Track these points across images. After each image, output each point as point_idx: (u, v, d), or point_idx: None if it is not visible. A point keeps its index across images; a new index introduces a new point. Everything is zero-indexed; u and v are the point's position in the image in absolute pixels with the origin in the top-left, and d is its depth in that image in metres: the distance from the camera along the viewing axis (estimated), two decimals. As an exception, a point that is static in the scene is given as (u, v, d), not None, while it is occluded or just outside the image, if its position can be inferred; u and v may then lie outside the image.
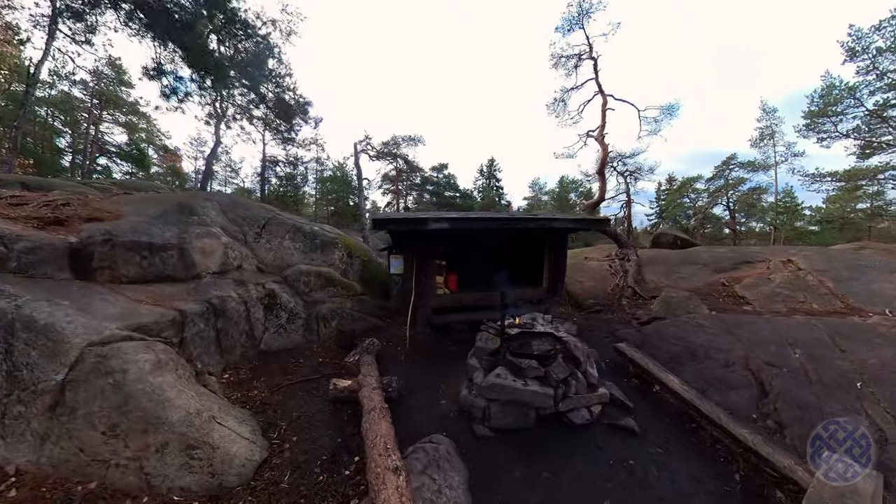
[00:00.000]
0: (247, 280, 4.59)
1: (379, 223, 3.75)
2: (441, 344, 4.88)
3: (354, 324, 5.17)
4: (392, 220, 3.79)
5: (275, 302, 4.58)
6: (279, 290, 4.69)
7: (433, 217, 4.09)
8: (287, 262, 5.39)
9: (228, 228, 5.33)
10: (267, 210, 6.01)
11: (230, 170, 24.84)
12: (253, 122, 15.50)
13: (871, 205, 21.13)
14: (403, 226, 3.82)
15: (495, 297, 5.56)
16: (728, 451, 2.65)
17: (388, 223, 3.73)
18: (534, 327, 3.90)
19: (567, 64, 13.70)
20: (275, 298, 4.59)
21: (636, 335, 4.75)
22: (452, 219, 4.24)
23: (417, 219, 4.05)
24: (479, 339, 3.68)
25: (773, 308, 5.85)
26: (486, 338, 3.62)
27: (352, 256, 6.10)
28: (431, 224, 3.98)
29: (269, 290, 4.60)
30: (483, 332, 3.66)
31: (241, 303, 4.22)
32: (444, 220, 4.11)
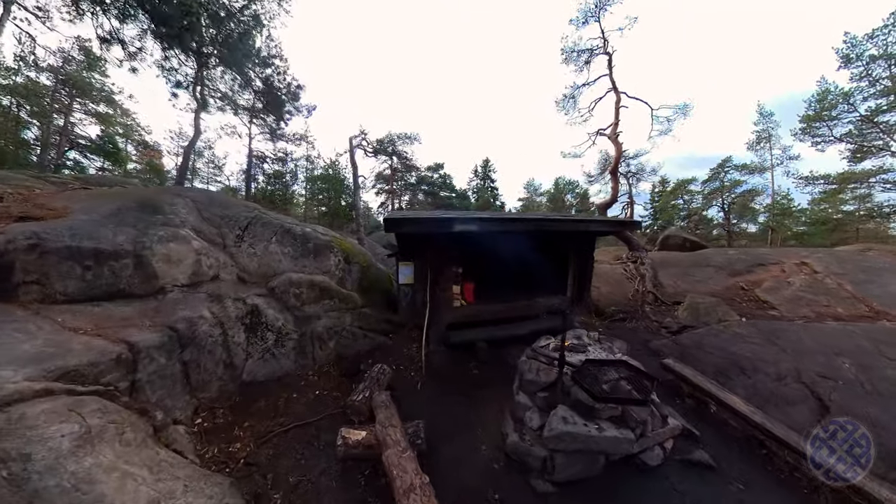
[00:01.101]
0: (225, 294, 3.74)
1: (393, 223, 3.00)
2: (462, 367, 4.15)
3: (356, 343, 4.37)
4: (410, 221, 3.04)
5: (259, 321, 3.74)
6: (264, 306, 3.85)
7: (460, 217, 3.37)
8: (274, 269, 4.55)
9: (203, 230, 4.45)
10: (250, 208, 5.14)
11: (213, 166, 23.38)
12: (238, 113, 14.25)
13: (859, 207, 21.54)
14: (423, 227, 3.08)
15: (518, 307, 4.96)
16: (809, 481, 2.44)
17: (404, 224, 2.98)
18: (585, 349, 3.25)
19: (579, 59, 13.10)
20: (259, 316, 3.76)
21: (672, 346, 4.46)
22: (484, 219, 3.54)
23: (441, 219, 3.31)
24: (527, 370, 2.98)
25: (799, 313, 5.75)
26: (536, 368, 2.92)
27: (349, 262, 5.29)
28: (457, 225, 3.25)
29: (252, 305, 3.76)
30: (532, 362, 2.95)
31: (217, 324, 3.38)
32: (473, 221, 3.38)
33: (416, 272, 4.14)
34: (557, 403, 2.62)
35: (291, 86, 12.44)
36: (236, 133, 18.67)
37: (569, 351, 3.44)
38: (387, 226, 2.94)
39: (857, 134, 18.23)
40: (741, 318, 5.57)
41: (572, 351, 3.41)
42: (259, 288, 4.18)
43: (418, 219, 3.15)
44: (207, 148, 22.65)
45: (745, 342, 4.05)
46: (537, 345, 3.71)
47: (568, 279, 5.49)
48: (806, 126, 18.57)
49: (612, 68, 12.44)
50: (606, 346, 3.58)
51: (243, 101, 13.39)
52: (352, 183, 24.34)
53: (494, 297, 5.06)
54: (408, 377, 3.92)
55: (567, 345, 3.52)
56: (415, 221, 3.04)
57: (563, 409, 2.52)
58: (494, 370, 4.10)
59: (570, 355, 3.30)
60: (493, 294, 5.15)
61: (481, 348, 4.33)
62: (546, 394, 2.76)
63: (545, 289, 5.56)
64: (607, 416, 2.48)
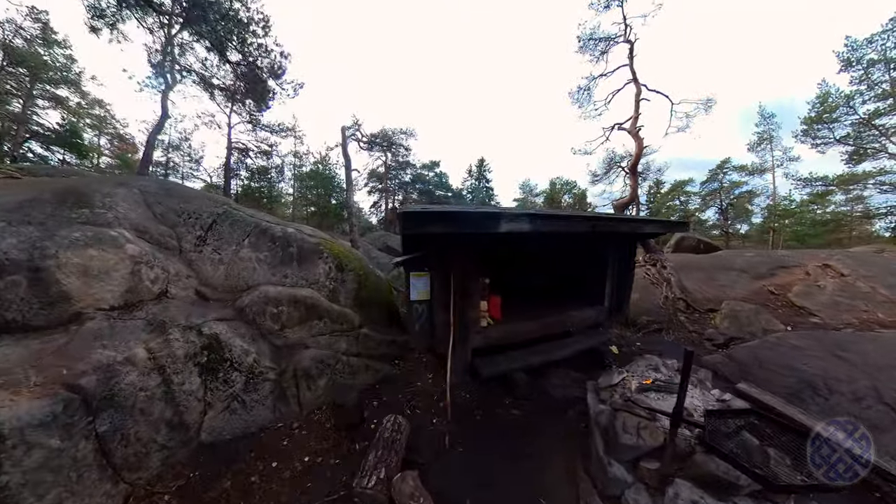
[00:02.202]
0: (172, 320, 2.68)
1: (414, 220, 2.00)
2: (496, 405, 3.26)
3: (356, 378, 3.36)
4: (439, 217, 2.05)
5: (221, 357, 2.69)
6: (229, 335, 2.80)
7: (511, 213, 2.42)
8: (246, 281, 3.49)
9: (150, 230, 3.36)
10: (216, 202, 4.05)
11: (191, 160, 21.63)
12: (213, 96, 12.74)
13: (852, 209, 21.69)
14: (456, 226, 2.11)
15: (552, 324, 4.01)
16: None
17: (430, 221, 1.99)
18: (668, 386, 2.44)
19: (595, 48, 12.20)
20: (221, 351, 2.70)
21: (728, 363, 4.01)
22: (540, 215, 2.62)
23: (485, 215, 2.34)
24: (619, 429, 2.15)
25: (842, 319, 5.46)
26: (635, 425, 2.04)
27: (342, 269, 4.26)
28: (504, 225, 2.30)
29: (211, 336, 2.70)
30: (624, 415, 2.08)
31: (154, 370, 2.33)
32: (524, 219, 2.43)
33: (434, 285, 3.15)
34: (672, 476, 1.78)
35: (273, 54, 10.66)
36: (215, 123, 16.98)
37: (655, 391, 2.56)
38: (406, 223, 1.96)
39: (854, 136, 18.25)
40: (786, 328, 5.27)
41: (662, 391, 2.58)
42: (223, 308, 3.11)
43: (451, 214, 2.17)
44: (184, 140, 20.91)
45: (808, 356, 3.69)
46: (608, 382, 2.85)
47: (606, 288, 4.64)
48: (807, 128, 18.60)
49: (633, 58, 11.62)
50: (699, 381, 2.83)
51: (219, 81, 11.80)
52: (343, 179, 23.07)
53: (524, 312, 4.14)
54: (429, 426, 2.93)
55: (650, 383, 2.65)
56: (446, 218, 2.06)
57: (688, 488, 1.73)
58: (538, 408, 3.25)
59: (663, 397, 2.47)
60: (521, 309, 4.22)
61: (520, 381, 3.39)
62: (657, 464, 1.86)
63: (579, 299, 4.72)
64: (747, 492, 1.73)
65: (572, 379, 3.84)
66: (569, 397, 3.43)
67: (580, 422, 2.90)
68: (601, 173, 17.55)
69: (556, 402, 3.38)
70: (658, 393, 2.56)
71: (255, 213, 4.22)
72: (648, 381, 2.74)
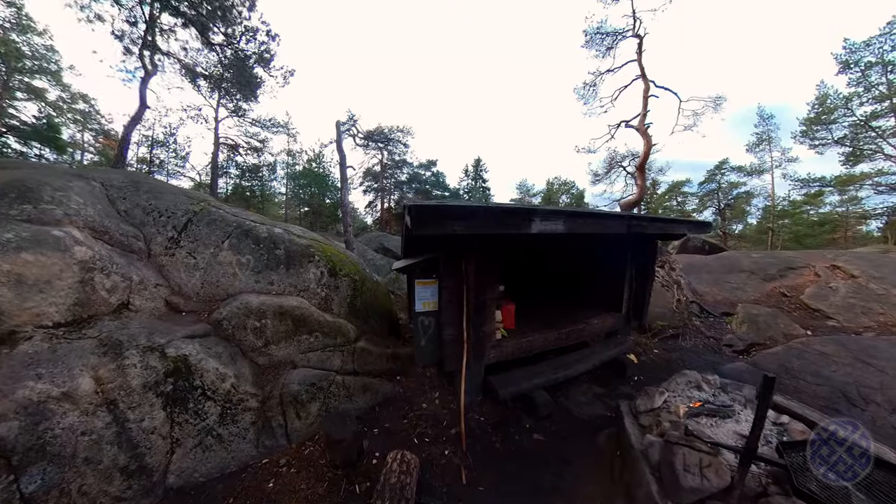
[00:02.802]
0: (130, 339, 2.21)
1: (430, 216, 1.56)
2: (514, 429, 2.87)
3: (352, 400, 2.91)
4: (460, 212, 1.62)
5: (191, 384, 2.23)
6: (201, 355, 2.34)
7: (544, 210, 2.00)
8: (225, 289, 3.03)
9: (111, 230, 2.88)
10: (193, 199, 3.57)
11: (176, 156, 20.71)
12: (197, 85, 11.96)
13: (847, 209, 21.82)
14: (480, 226, 1.70)
15: (571, 333, 3.68)
16: None
17: (449, 218, 1.56)
18: (732, 411, 2.27)
19: (602, 43, 11.83)
20: (191, 376, 2.24)
21: (752, 370, 3.79)
22: (576, 214, 2.23)
23: (514, 211, 1.94)
24: (682, 471, 1.77)
25: (860, 322, 5.35)
26: (693, 463, 1.74)
27: (336, 274, 3.82)
28: (536, 224, 1.90)
29: (178, 358, 2.24)
30: (687, 452, 1.70)
31: (103, 405, 1.87)
32: (558, 218, 2.04)
33: (444, 295, 2.73)
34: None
35: (260, 35, 9.62)
36: (201, 117, 16.06)
37: (707, 415, 2.21)
38: (419, 220, 1.53)
39: (852, 138, 18.31)
40: (807, 332, 5.13)
41: (715, 415, 2.27)
42: (196, 322, 2.65)
43: (475, 210, 1.75)
44: (169, 135, 20.01)
45: (836, 363, 3.57)
46: (648, 405, 2.53)
47: (623, 293, 4.28)
48: (806, 129, 18.59)
49: (641, 53, 11.28)
50: (736, 396, 2.49)
51: (203, 69, 10.86)
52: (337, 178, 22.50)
53: (538, 320, 3.76)
54: (440, 458, 2.51)
55: (699, 406, 2.29)
56: (471, 214, 1.63)
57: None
58: (562, 430, 2.89)
59: (716, 423, 2.20)
60: (535, 317, 3.84)
61: (540, 400, 3.00)
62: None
63: (595, 305, 4.36)
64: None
65: (595, 394, 3.52)
66: (594, 417, 3.10)
67: (613, 447, 2.55)
68: (602, 173, 17.31)
69: (582, 422, 3.03)
70: (710, 418, 2.22)
71: (238, 212, 3.75)
72: (697, 403, 2.39)
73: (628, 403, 2.70)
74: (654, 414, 2.38)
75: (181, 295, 2.94)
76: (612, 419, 2.93)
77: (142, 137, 20.92)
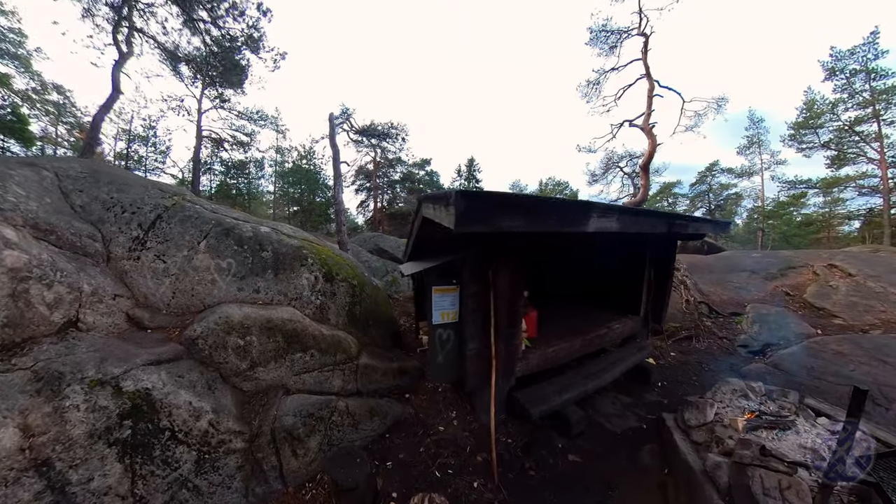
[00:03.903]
0: (75, 370, 1.72)
1: (485, 203, 1.14)
2: (550, 454, 2.51)
3: (358, 429, 2.46)
4: (524, 204, 1.23)
5: (156, 425, 1.75)
6: (168, 389, 1.86)
7: (603, 206, 1.65)
8: (202, 299, 2.54)
9: (59, 229, 2.36)
10: (165, 192, 3.05)
11: (156, 150, 19.50)
12: (179, 73, 10.94)
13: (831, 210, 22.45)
14: (541, 221, 1.31)
15: (595, 340, 3.43)
16: None
17: (511, 210, 1.16)
18: (788, 421, 2.08)
19: (606, 41, 11.64)
20: (155, 415, 1.76)
21: (772, 372, 3.75)
22: (628, 211, 1.91)
23: (576, 206, 1.57)
24: (761, 495, 1.59)
25: (865, 320, 5.36)
26: (772, 486, 1.56)
27: (332, 279, 3.36)
28: (594, 221, 1.56)
29: (138, 393, 1.75)
30: (765, 474, 1.62)
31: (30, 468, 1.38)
32: (614, 214, 1.69)
33: (468, 304, 2.32)
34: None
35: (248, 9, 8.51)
36: (183, 108, 14.88)
37: (766, 427, 2.09)
38: (467, 212, 1.06)
39: (837, 141, 18.82)
40: (817, 331, 5.11)
41: (773, 427, 2.04)
42: (164, 342, 2.15)
43: (538, 202, 1.37)
44: (149, 127, 18.84)
45: (853, 362, 3.61)
46: (700, 419, 2.31)
47: (642, 295, 4.04)
48: (794, 132, 19.07)
49: (646, 52, 11.13)
50: (784, 403, 2.33)
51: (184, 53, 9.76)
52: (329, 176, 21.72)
53: (559, 327, 3.43)
54: (470, 493, 2.11)
55: (753, 417, 2.03)
56: (531, 206, 1.24)
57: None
58: (598, 448, 2.62)
59: (777, 436, 1.98)
60: (555, 324, 3.49)
61: (574, 416, 2.69)
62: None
63: (612, 309, 4.08)
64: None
65: (623, 405, 3.29)
66: (627, 430, 2.85)
67: (660, 466, 2.31)
68: (600, 173, 17.23)
69: (615, 437, 2.77)
70: (770, 431, 2.01)
71: (218, 208, 3.24)
72: (751, 414, 2.18)
73: (673, 416, 2.47)
74: (707, 429, 2.16)
75: (147, 307, 2.44)
76: (646, 431, 2.75)
77: (120, 131, 19.80)
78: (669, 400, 3.37)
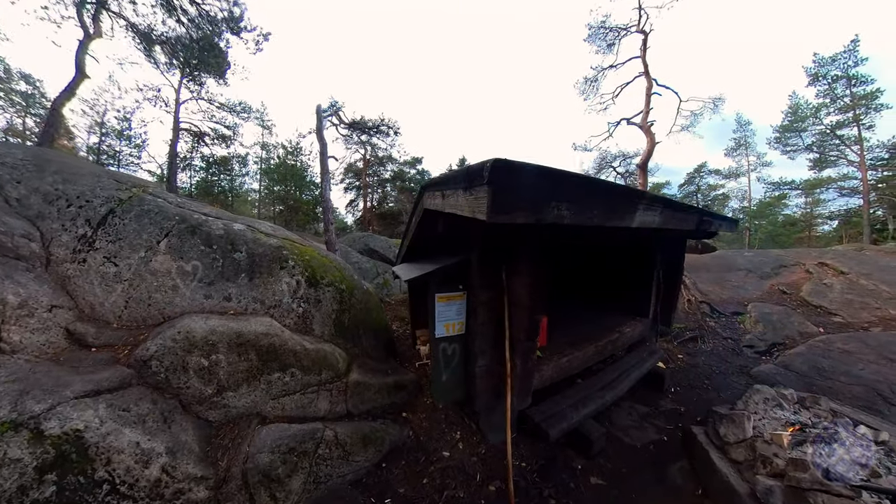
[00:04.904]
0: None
1: (535, 181, 0.84)
2: (570, 477, 2.26)
3: (349, 461, 2.11)
4: (581, 182, 0.96)
5: (90, 478, 1.37)
6: (106, 428, 1.47)
7: (651, 196, 1.41)
8: (161, 309, 2.15)
9: (-22, 226, 1.93)
10: (121, 183, 2.62)
11: (130, 144, 18.34)
12: (154, 59, 9.86)
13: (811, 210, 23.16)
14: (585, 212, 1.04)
15: (607, 346, 3.21)
16: None
17: (564, 187, 0.89)
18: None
19: (604, 38, 11.54)
20: (89, 466, 1.38)
21: (783, 373, 3.71)
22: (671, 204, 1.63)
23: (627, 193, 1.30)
24: None
25: (862, 318, 5.44)
26: None
27: (316, 284, 3.00)
28: (640, 215, 1.36)
29: (65, 436, 1.37)
30: (827, 498, 1.44)
31: None
32: (658, 207, 1.48)
33: (478, 313, 2.01)
34: None
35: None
36: (160, 99, 13.84)
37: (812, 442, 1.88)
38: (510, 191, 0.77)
39: (819, 145, 19.38)
40: (819, 329, 5.11)
41: (820, 441, 1.82)
42: (107, 366, 1.76)
43: (592, 183, 1.12)
44: (123, 119, 17.70)
45: (862, 361, 3.59)
46: (738, 435, 2.03)
47: (651, 296, 3.82)
48: (780, 135, 19.57)
49: (646, 50, 11.07)
50: (819, 411, 2.19)
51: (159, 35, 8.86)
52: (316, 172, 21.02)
53: (567, 333, 3.17)
54: None
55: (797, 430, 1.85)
56: (585, 188, 0.99)
57: None
58: (620, 468, 2.36)
59: (828, 451, 1.78)
60: (562, 329, 3.22)
61: (594, 434, 2.41)
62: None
63: (619, 311, 3.85)
64: None
65: (640, 415, 3.08)
66: (648, 444, 2.60)
67: (692, 486, 2.13)
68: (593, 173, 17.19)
69: (636, 452, 2.51)
70: (815, 445, 1.79)
71: (185, 202, 2.82)
72: (794, 428, 1.99)
73: (704, 431, 2.29)
74: (747, 445, 1.97)
75: (93, 320, 2.04)
76: (668, 444, 2.59)
77: (93, 124, 18.63)
78: (686, 407, 3.20)
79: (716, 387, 3.66)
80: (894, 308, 5.44)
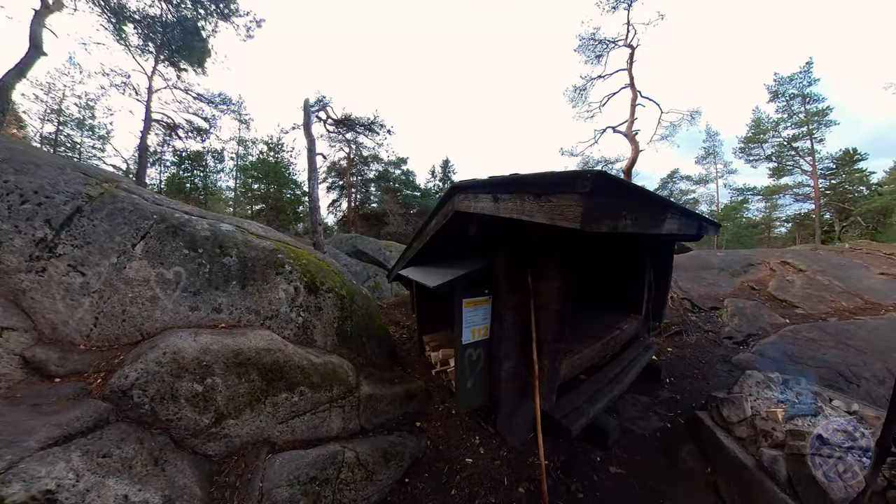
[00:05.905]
0: None
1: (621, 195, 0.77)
2: (592, 470, 2.30)
3: (373, 481, 1.90)
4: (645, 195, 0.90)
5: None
6: (84, 483, 1.19)
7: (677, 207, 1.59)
8: (138, 325, 1.84)
9: None
10: (90, 177, 2.26)
11: (95, 136, 16.65)
12: (124, 39, 8.75)
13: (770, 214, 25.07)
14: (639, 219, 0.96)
15: (611, 341, 3.21)
16: None
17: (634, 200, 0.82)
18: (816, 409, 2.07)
19: (594, 49, 11.86)
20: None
21: (760, 360, 4.07)
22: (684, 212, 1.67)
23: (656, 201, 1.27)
24: (824, 480, 1.59)
25: (820, 310, 5.92)
26: (832, 471, 1.59)
27: (316, 291, 2.77)
28: (668, 222, 1.46)
29: (35, 500, 1.08)
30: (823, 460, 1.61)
31: None
32: (676, 214, 1.58)
33: (506, 317, 1.87)
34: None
35: None
36: (129, 85, 12.22)
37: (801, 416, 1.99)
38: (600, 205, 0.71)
39: (777, 155, 21.06)
40: (785, 321, 5.55)
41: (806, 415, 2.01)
42: (77, 402, 1.45)
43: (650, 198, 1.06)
44: (85, 107, 16.05)
45: (823, 346, 3.97)
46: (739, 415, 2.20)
47: (644, 294, 3.98)
48: (744, 146, 21.10)
49: (632, 63, 11.47)
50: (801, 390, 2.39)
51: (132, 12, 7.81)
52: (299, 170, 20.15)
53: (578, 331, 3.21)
54: None
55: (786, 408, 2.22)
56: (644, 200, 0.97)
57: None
58: (634, 456, 2.45)
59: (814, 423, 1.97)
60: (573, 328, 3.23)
61: (610, 427, 2.49)
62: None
63: (615, 309, 3.99)
64: None
65: (643, 405, 3.22)
66: (655, 431, 2.75)
67: (702, 465, 2.31)
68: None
69: (645, 440, 2.65)
70: (804, 419, 2.04)
71: (164, 199, 2.48)
72: (783, 405, 2.19)
73: (709, 414, 2.50)
74: (748, 423, 2.20)
75: (56, 343, 1.70)
76: (674, 430, 2.77)
77: (48, 111, 16.77)
78: (682, 396, 3.37)
79: (704, 375, 3.91)
80: (846, 300, 5.99)
